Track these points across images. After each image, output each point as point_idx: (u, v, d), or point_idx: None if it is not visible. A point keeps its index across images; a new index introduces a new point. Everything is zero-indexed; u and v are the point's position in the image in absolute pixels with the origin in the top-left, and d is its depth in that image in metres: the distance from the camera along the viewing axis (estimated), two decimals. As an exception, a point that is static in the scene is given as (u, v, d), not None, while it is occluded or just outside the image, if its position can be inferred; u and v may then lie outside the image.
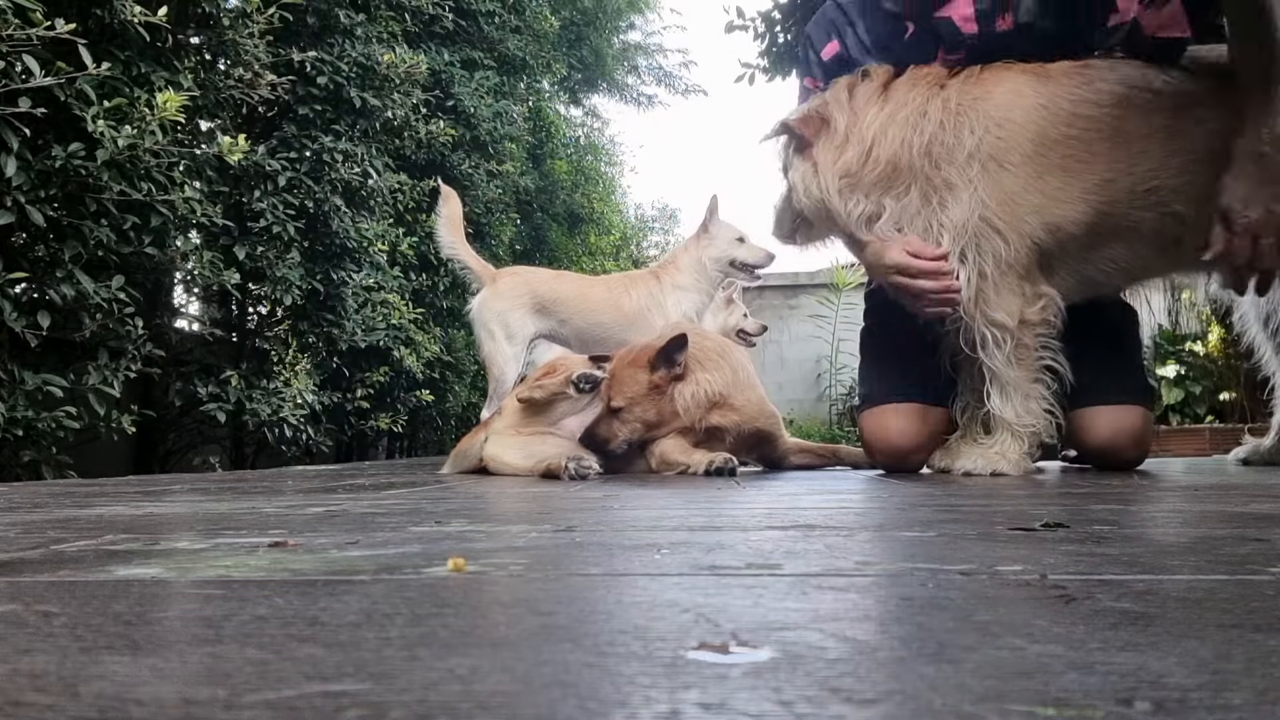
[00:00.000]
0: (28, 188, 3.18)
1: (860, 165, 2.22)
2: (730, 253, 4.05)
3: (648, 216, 20.74)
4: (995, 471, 2.20)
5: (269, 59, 4.49)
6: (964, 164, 2.15)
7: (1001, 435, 2.25)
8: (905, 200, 2.22)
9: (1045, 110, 2.14)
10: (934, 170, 2.18)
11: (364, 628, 0.55)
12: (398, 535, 1.05)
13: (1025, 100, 2.15)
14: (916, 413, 2.65)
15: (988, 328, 2.21)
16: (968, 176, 2.15)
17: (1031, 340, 2.20)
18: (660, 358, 2.60)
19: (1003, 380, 2.22)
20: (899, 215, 2.23)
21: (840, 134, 2.25)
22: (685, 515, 1.29)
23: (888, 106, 2.22)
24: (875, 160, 2.21)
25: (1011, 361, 2.21)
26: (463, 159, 7.61)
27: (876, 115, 2.22)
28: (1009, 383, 2.22)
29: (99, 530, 1.15)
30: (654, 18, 15.25)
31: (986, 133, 2.14)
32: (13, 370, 3.27)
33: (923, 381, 2.61)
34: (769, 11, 7.08)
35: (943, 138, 2.16)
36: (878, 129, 2.21)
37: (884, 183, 2.22)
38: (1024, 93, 2.16)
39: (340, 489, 2.09)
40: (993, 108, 2.16)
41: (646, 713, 0.38)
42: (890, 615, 0.58)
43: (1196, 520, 1.12)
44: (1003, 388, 2.23)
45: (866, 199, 2.25)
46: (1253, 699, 0.39)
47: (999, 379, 2.23)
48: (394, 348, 6.21)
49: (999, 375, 2.22)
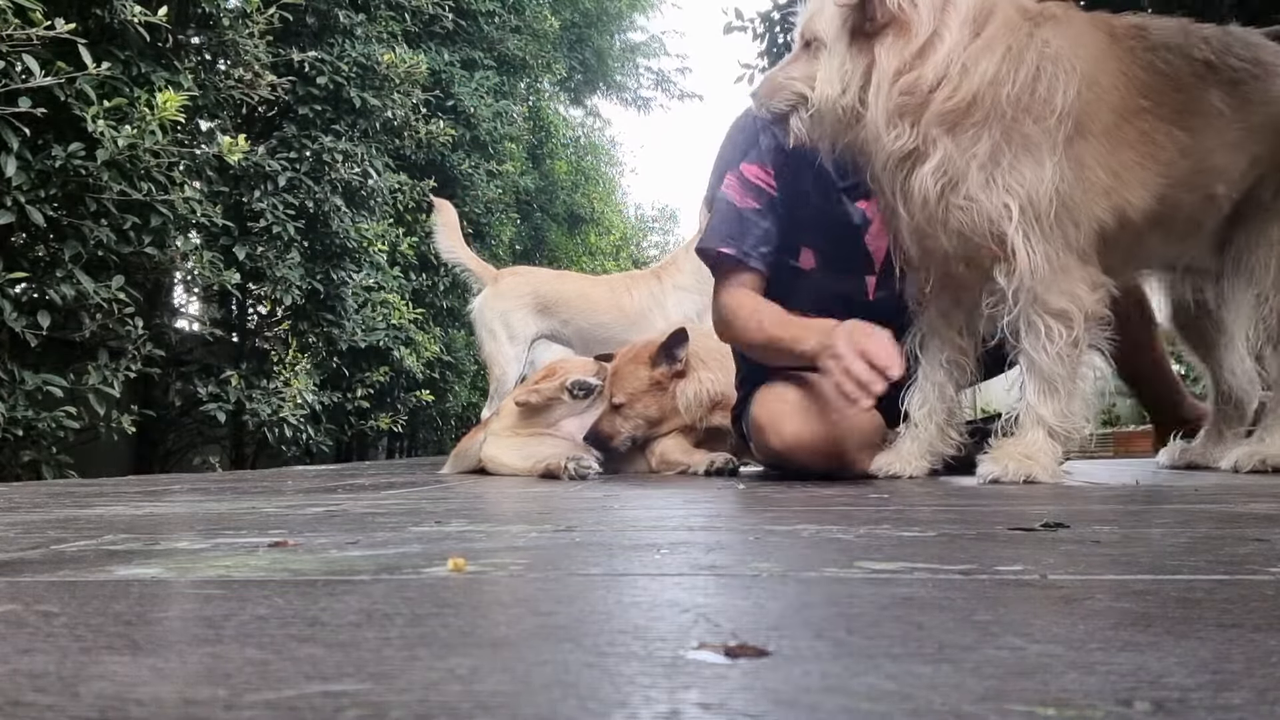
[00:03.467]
0: (28, 188, 3.18)
1: (931, 87, 1.80)
2: None
3: (647, 217, 20.77)
4: (1029, 478, 1.86)
5: (269, 59, 4.49)
6: (1054, 124, 1.80)
7: (1033, 434, 1.92)
8: (972, 149, 1.82)
9: (1124, 76, 1.86)
10: (1016, 122, 1.81)
11: (364, 628, 0.55)
12: (398, 535, 1.05)
13: (1109, 63, 1.86)
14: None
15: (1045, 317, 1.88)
16: (1054, 140, 1.80)
17: (1085, 335, 1.90)
18: (661, 353, 2.61)
19: (1047, 375, 1.90)
20: (951, 163, 1.83)
21: (918, 41, 1.80)
22: (685, 515, 1.29)
23: (986, 31, 1.82)
24: (954, 88, 1.79)
25: (1062, 357, 1.89)
26: (463, 159, 7.61)
27: (968, 37, 1.81)
28: (1054, 378, 1.90)
29: (99, 530, 1.15)
30: (656, 16, 15.27)
31: (1080, 92, 1.81)
32: (13, 370, 3.27)
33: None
34: (768, 12, 7.09)
35: (1037, 87, 1.80)
36: (969, 54, 1.80)
37: (952, 118, 1.81)
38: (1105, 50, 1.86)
39: (340, 489, 2.09)
40: (1083, 63, 1.82)
41: (646, 713, 0.38)
42: (890, 615, 0.58)
43: (1196, 520, 1.12)
44: (1044, 383, 1.91)
45: (919, 132, 1.83)
46: (1253, 699, 0.39)
47: (1041, 373, 1.91)
48: (394, 348, 6.21)
49: (1042, 369, 1.90)
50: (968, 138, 1.82)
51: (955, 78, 1.79)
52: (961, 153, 1.82)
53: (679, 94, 15.76)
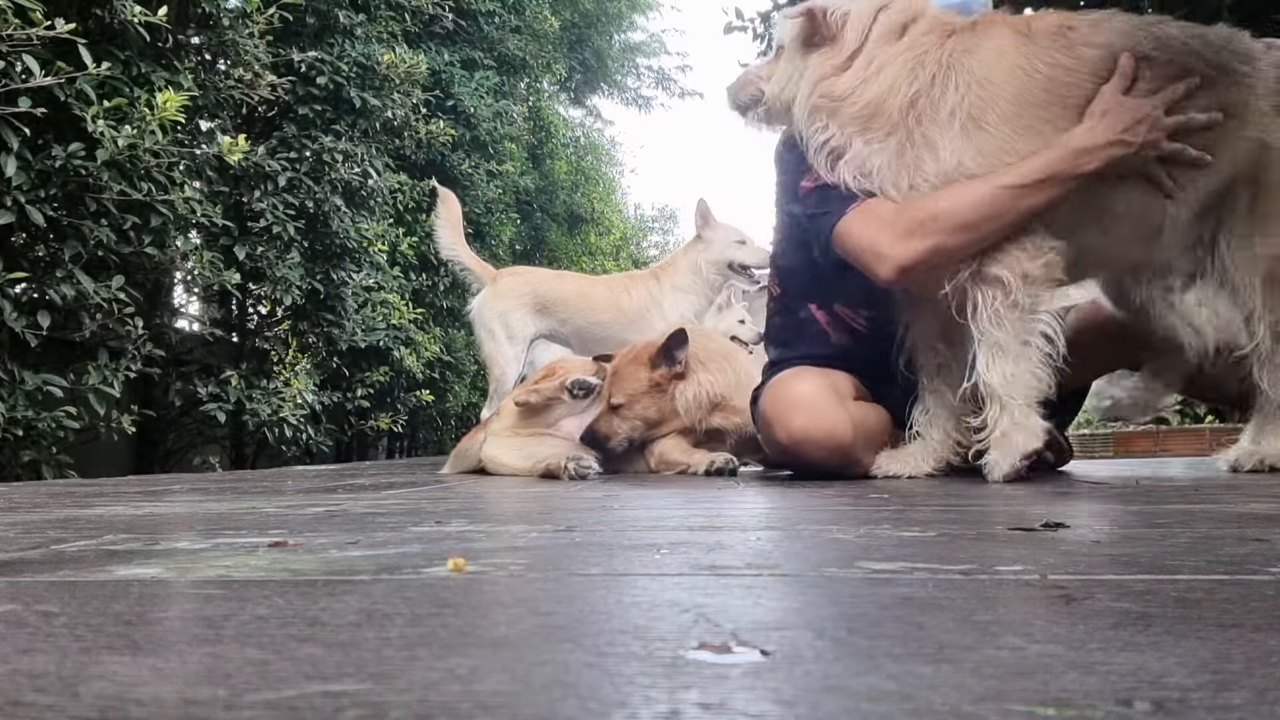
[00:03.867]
0: (28, 188, 3.18)
1: (845, 94, 2.07)
2: (729, 255, 4.06)
3: (647, 217, 20.78)
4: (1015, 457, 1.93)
5: (269, 59, 4.49)
6: (946, 120, 2.03)
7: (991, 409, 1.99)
8: (878, 147, 2.06)
9: (1022, 72, 2.04)
10: (918, 124, 2.05)
11: (364, 628, 0.55)
12: (398, 535, 1.05)
13: (1006, 60, 2.05)
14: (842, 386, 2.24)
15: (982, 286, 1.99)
16: (949, 134, 2.02)
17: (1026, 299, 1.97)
18: (661, 355, 2.60)
19: (990, 342, 1.97)
20: (866, 160, 2.07)
21: (843, 54, 2.10)
22: (685, 515, 1.29)
23: (897, 45, 2.09)
24: (859, 95, 2.06)
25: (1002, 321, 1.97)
26: (463, 159, 7.62)
27: (882, 50, 2.08)
28: (996, 344, 1.97)
29: (99, 530, 1.15)
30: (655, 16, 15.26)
31: (969, 90, 2.03)
32: (13, 370, 3.27)
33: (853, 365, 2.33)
34: (768, 12, 7.09)
35: (930, 92, 2.04)
36: (875, 65, 2.08)
37: (860, 121, 2.07)
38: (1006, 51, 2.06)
39: (340, 489, 2.09)
40: (978, 65, 2.05)
41: (646, 713, 0.38)
42: (890, 615, 0.58)
43: (1196, 520, 1.12)
44: (989, 351, 1.98)
45: (838, 131, 2.09)
46: (1253, 699, 0.39)
47: (986, 342, 1.98)
48: (394, 348, 6.21)
49: (986, 339, 1.98)
50: (876, 137, 2.07)
51: (860, 87, 2.07)
52: (871, 151, 2.07)
53: (680, 92, 15.77)
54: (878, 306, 2.29)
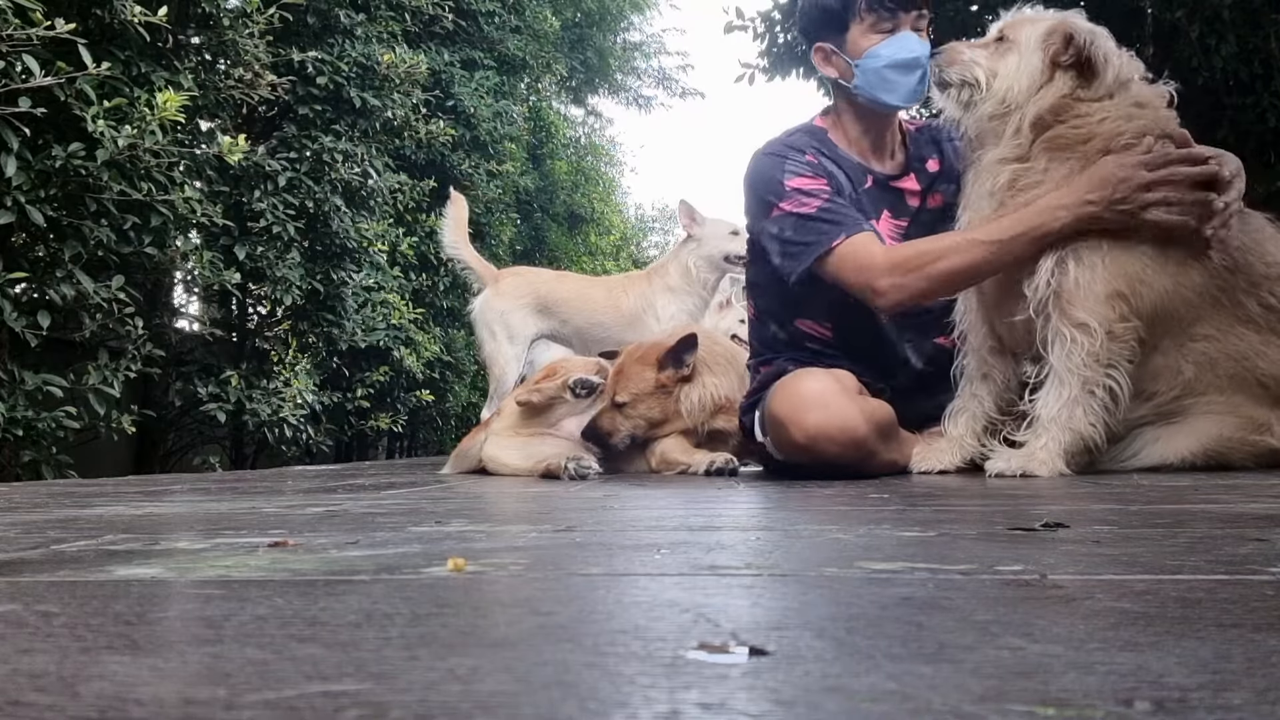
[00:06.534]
0: (28, 188, 3.18)
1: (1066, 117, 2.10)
2: (723, 248, 4.04)
3: (647, 217, 20.77)
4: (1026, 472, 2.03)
5: (269, 59, 4.49)
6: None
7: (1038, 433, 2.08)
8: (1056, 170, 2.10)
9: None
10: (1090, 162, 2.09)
11: (364, 628, 0.55)
12: (398, 535, 1.05)
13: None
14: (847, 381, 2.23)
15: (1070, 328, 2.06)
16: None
17: (1105, 353, 2.04)
18: (669, 357, 2.60)
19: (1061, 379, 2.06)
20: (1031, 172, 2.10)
21: (1099, 88, 2.10)
22: (685, 515, 1.29)
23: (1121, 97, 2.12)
24: (1083, 124, 2.09)
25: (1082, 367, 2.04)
26: (463, 159, 7.62)
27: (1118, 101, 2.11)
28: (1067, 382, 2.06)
29: (99, 530, 1.15)
30: (655, 16, 15.25)
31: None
32: (13, 370, 3.27)
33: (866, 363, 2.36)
34: (769, 11, 7.08)
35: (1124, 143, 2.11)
36: (1106, 110, 2.10)
37: (1061, 143, 2.10)
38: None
39: (340, 489, 2.09)
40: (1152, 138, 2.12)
41: (646, 713, 0.38)
42: (890, 615, 0.58)
43: (1196, 520, 1.12)
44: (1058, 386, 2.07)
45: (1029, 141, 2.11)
46: (1253, 699, 0.39)
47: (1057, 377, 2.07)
48: (394, 348, 6.21)
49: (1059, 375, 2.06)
50: (1058, 160, 2.10)
51: (1090, 121, 2.08)
52: (1044, 170, 2.10)
53: (680, 91, 15.76)
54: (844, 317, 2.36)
